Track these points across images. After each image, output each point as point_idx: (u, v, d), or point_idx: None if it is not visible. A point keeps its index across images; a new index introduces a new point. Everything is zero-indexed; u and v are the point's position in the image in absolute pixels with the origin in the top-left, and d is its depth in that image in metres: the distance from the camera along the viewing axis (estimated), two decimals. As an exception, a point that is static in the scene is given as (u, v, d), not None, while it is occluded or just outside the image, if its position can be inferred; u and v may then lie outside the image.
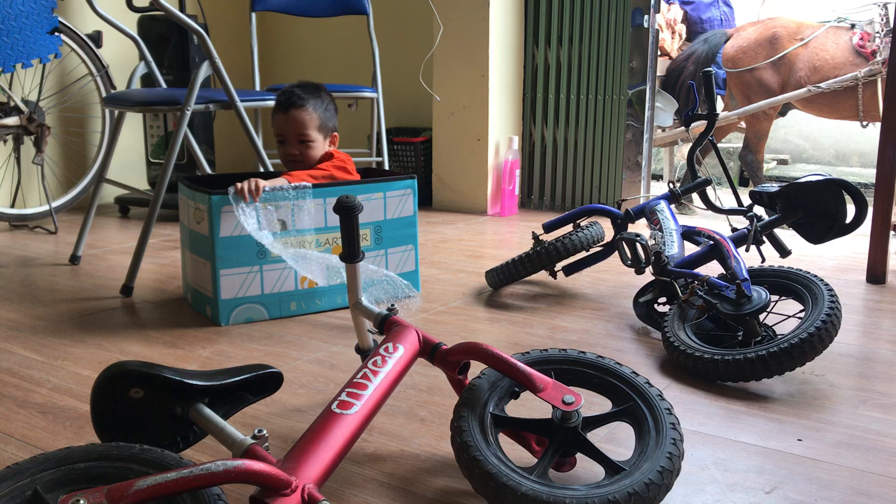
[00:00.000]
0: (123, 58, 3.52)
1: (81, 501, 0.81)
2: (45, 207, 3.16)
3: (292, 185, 1.89)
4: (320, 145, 2.05)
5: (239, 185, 1.84)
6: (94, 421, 1.06)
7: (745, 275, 1.66)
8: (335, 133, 2.10)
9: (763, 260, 1.91)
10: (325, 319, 1.94)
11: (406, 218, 2.07)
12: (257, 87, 3.26)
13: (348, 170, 2.06)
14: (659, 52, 4.55)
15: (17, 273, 2.41)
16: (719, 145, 4.43)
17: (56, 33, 2.50)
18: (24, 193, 3.27)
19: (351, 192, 1.90)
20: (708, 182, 2.08)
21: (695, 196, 3.84)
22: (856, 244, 2.75)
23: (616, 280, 2.33)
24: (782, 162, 6.26)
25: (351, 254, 1.29)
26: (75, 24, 3.22)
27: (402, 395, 1.46)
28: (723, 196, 2.18)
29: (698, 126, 3.00)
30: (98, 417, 1.05)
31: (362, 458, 1.22)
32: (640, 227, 2.36)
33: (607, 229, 2.26)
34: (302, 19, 3.95)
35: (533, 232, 2.22)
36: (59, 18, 2.70)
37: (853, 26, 4.09)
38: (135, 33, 2.68)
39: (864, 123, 4.12)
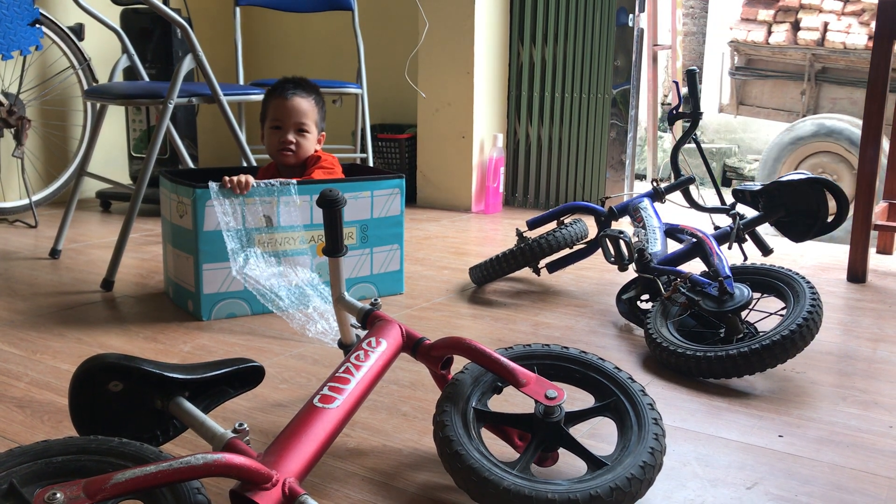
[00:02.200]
0: (106, 51, 3.49)
1: (58, 495, 0.80)
2: (26, 201, 3.13)
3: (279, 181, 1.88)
4: (314, 140, 2.05)
5: (227, 178, 1.82)
6: (72, 414, 1.04)
7: (728, 272, 1.67)
8: (324, 133, 2.10)
9: (745, 258, 1.92)
10: (307, 315, 1.93)
11: (392, 217, 2.06)
12: (241, 82, 3.24)
13: (335, 173, 2.06)
14: None
15: (-4, 267, 2.39)
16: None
17: (37, 25, 2.47)
18: (4, 187, 3.23)
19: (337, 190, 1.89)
20: (692, 180, 2.09)
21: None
22: (837, 243, 2.78)
23: (599, 277, 2.33)
24: (765, 162, 6.29)
25: (334, 248, 1.29)
26: (57, 16, 3.19)
27: (384, 389, 1.46)
28: (705, 194, 2.19)
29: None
30: (76, 411, 1.04)
31: (344, 453, 1.22)
32: (624, 224, 2.37)
33: (591, 227, 2.27)
34: (286, 14, 3.93)
35: (517, 229, 2.22)
36: (41, 10, 2.67)
37: None
38: (118, 26, 2.66)
39: None
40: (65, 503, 0.79)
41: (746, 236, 1.94)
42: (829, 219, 1.87)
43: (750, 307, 1.60)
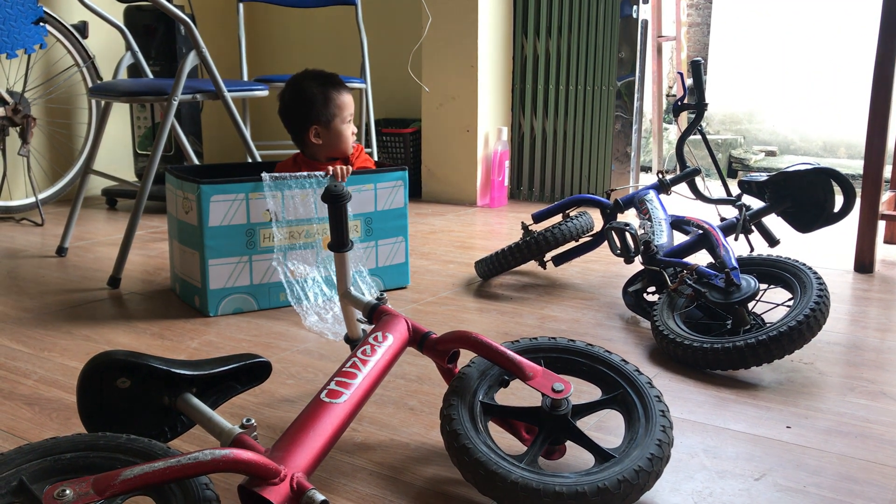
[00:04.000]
0: (110, 48, 3.49)
1: (67, 492, 0.80)
2: (32, 199, 3.14)
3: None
4: None
5: (331, 168, 1.94)
6: (80, 411, 1.05)
7: (734, 263, 1.66)
8: None
9: (752, 249, 1.91)
10: (314, 310, 1.93)
11: (397, 210, 2.06)
12: (245, 78, 3.24)
13: (372, 162, 2.16)
14: None
15: (4, 265, 2.39)
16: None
17: (41, 24, 2.47)
18: (10, 185, 3.24)
19: (339, 182, 1.90)
20: (697, 171, 2.08)
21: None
22: (844, 233, 2.76)
23: (605, 270, 2.33)
24: (770, 153, 6.28)
25: (339, 243, 1.29)
26: (61, 15, 3.19)
27: (391, 384, 1.46)
28: (711, 186, 2.19)
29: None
30: (84, 407, 1.04)
31: (351, 448, 1.22)
32: (630, 216, 2.36)
33: (596, 219, 2.26)
34: (290, 9, 3.93)
35: (522, 222, 2.22)
36: (45, 8, 2.67)
37: None
38: (121, 23, 2.66)
39: None
40: (74, 500, 0.80)
41: (753, 227, 1.94)
42: (836, 209, 1.86)
43: (757, 298, 1.59)
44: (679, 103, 2.07)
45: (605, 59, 3.38)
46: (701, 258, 1.83)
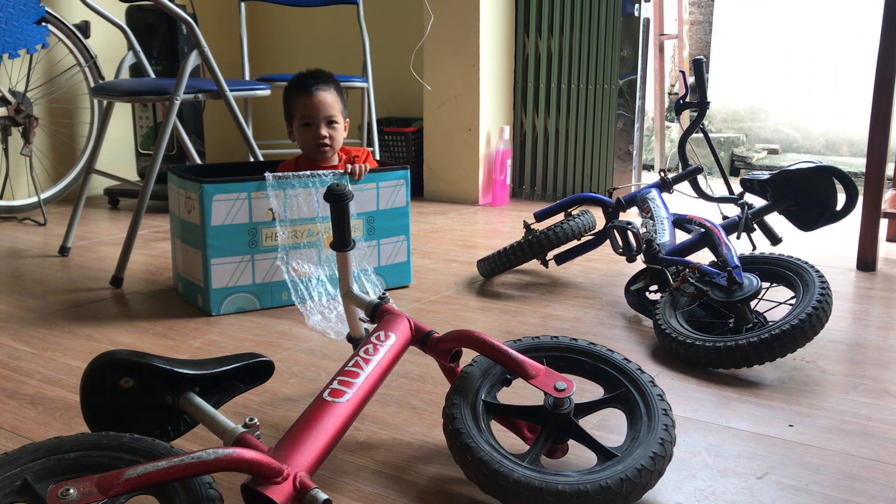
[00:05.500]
0: (112, 48, 3.49)
1: (71, 491, 0.80)
2: (34, 199, 3.14)
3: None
4: (342, 129, 2.06)
5: (356, 168, 1.97)
6: (83, 410, 1.05)
7: (737, 262, 1.66)
8: (347, 119, 2.10)
9: (754, 247, 1.91)
10: (316, 309, 1.93)
11: (398, 209, 2.06)
12: (247, 77, 3.24)
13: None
14: None
15: (6, 265, 2.40)
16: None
17: (43, 23, 2.47)
18: (13, 185, 3.25)
19: (343, 182, 1.90)
20: (699, 170, 2.08)
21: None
22: (846, 231, 2.76)
23: (607, 268, 2.33)
24: (772, 151, 6.27)
25: (341, 242, 1.29)
26: (63, 14, 3.19)
27: (393, 383, 1.46)
28: (713, 184, 2.18)
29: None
30: (88, 407, 1.05)
31: (354, 447, 1.22)
32: (632, 215, 2.36)
33: (598, 218, 2.26)
34: (291, 9, 3.93)
35: (524, 221, 2.22)
36: (46, 8, 2.67)
37: None
38: (123, 23, 2.66)
39: None
40: (78, 499, 0.80)
41: (755, 226, 1.93)
42: (838, 207, 1.86)
43: (759, 297, 1.59)
44: (681, 101, 2.07)
45: (607, 58, 3.38)
46: (703, 257, 1.83)
